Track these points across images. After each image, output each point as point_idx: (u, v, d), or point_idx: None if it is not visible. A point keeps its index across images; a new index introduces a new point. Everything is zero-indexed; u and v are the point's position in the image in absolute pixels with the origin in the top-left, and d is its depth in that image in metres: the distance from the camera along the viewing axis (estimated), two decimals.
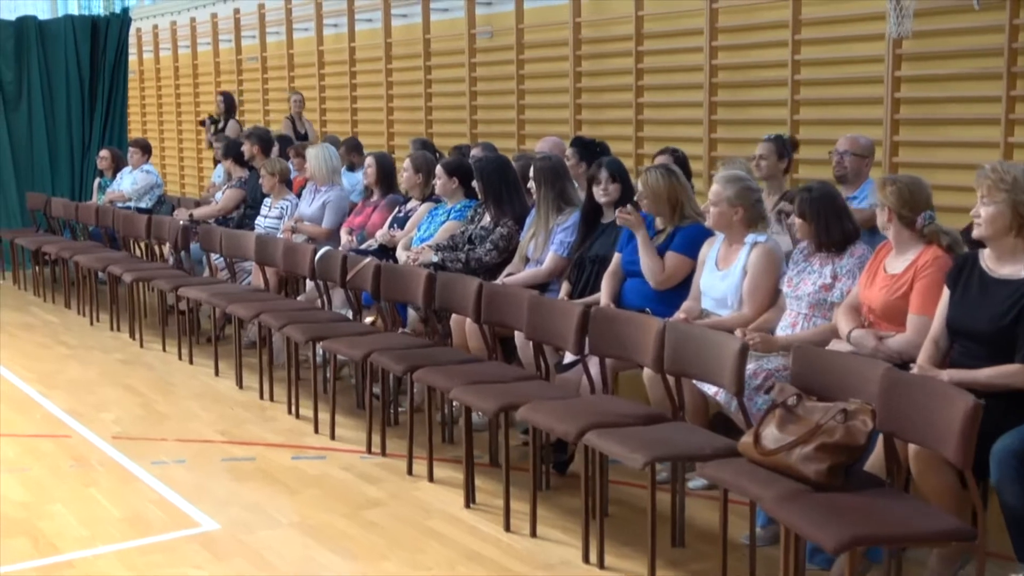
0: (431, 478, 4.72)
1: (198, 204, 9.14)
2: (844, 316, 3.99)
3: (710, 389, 4.12)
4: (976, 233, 3.43)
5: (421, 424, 4.87)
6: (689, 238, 4.77)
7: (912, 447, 3.26)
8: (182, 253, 7.81)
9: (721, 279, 4.52)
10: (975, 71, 6.28)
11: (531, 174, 5.40)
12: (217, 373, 6.67)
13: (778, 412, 3.38)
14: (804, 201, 4.17)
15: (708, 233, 4.74)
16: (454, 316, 5.29)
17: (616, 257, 4.98)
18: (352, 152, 8.35)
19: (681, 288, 4.76)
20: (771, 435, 3.33)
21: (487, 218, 5.73)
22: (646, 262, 4.69)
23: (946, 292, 3.57)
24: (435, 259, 5.57)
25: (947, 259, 3.77)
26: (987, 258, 3.48)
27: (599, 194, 5.11)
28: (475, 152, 6.70)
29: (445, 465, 4.85)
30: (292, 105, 10.40)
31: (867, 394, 3.29)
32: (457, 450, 5.00)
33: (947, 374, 3.36)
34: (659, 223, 4.90)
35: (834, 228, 4.15)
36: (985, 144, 6.20)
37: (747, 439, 3.41)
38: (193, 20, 14.44)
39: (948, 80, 6.45)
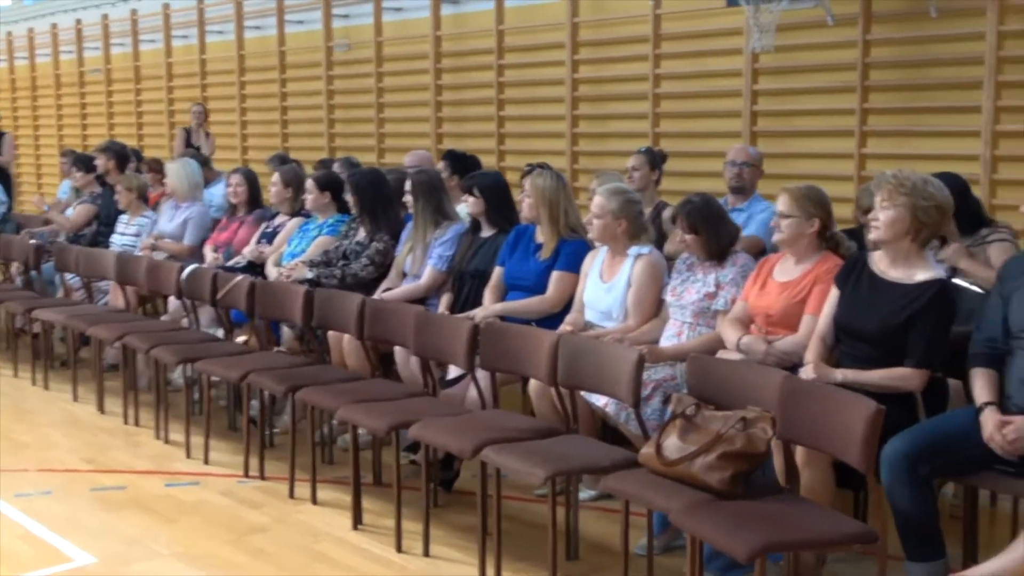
0: (314, 500, 4.58)
1: (46, 223, 8.62)
2: (730, 326, 4.01)
3: (598, 401, 4.09)
4: (874, 236, 3.47)
5: (301, 445, 4.71)
6: (574, 254, 4.73)
7: (799, 449, 3.26)
8: (32, 273, 7.41)
9: (606, 291, 4.49)
10: (830, 85, 6.40)
11: (407, 187, 5.32)
12: (76, 398, 6.38)
13: (678, 422, 3.36)
14: (692, 214, 4.17)
15: (589, 247, 4.70)
16: (331, 333, 5.14)
17: (497, 271, 4.92)
18: (203, 168, 8.10)
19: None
20: (673, 445, 3.31)
21: (362, 233, 5.61)
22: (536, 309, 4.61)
23: (834, 291, 3.60)
24: (309, 275, 5.44)
25: (838, 264, 3.83)
26: (878, 261, 3.51)
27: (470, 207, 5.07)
28: (336, 167, 6.57)
29: (328, 487, 4.70)
30: (192, 117, 9.94)
31: (765, 402, 3.29)
32: (338, 471, 4.88)
33: (841, 373, 3.38)
34: (540, 235, 4.82)
35: (723, 235, 4.17)
36: (839, 155, 6.34)
37: (648, 450, 3.38)
38: (31, 31, 13.72)
39: (804, 93, 6.56)
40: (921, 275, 3.42)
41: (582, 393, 4.07)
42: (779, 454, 3.28)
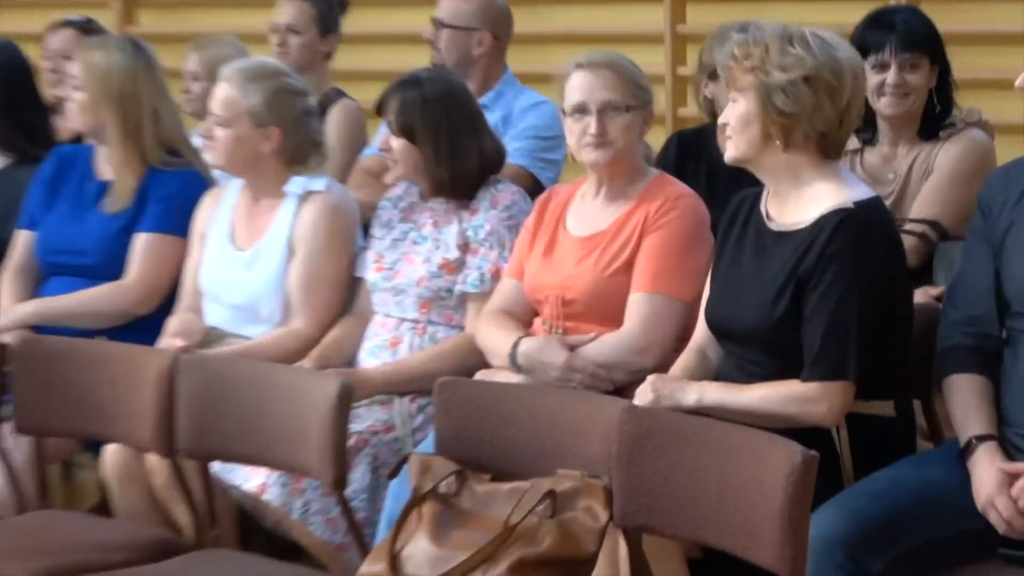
0: None
1: None
2: (495, 321, 3.91)
3: (247, 481, 3.94)
4: (728, 155, 3.43)
5: None
6: (174, 199, 4.53)
7: (650, 542, 3.24)
8: None
9: (244, 267, 4.30)
10: None
11: None
12: None
13: (427, 510, 3.30)
14: (408, 103, 4.06)
15: (203, 184, 4.56)
16: None
17: (23, 237, 4.53)
18: None
19: None
20: (423, 554, 3.25)
21: None
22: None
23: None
24: None
25: (695, 200, 3.80)
26: (768, 196, 3.49)
27: None
28: None
29: None
30: None
31: (590, 459, 3.24)
32: None
33: (695, 392, 3.36)
34: (105, 164, 4.49)
35: (466, 152, 4.08)
36: None
37: (375, 567, 3.29)
38: None
39: None
40: (815, 209, 3.32)
41: (219, 470, 3.93)
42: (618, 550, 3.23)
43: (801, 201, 3.42)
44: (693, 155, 4.36)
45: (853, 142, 4.07)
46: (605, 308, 3.77)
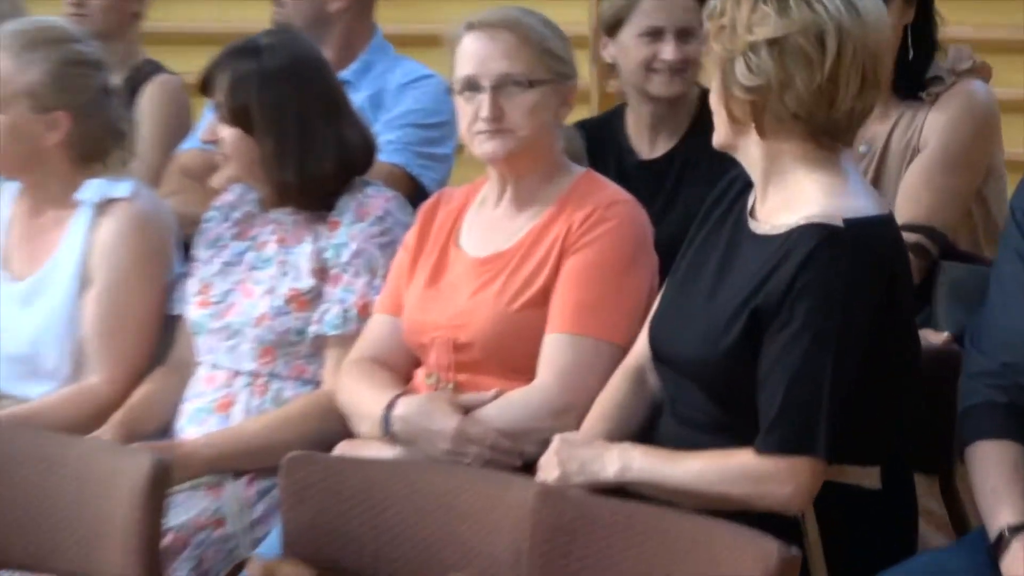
0: None
1: None
2: (363, 374, 3.66)
3: None
4: (713, 139, 3.27)
5: None
6: None
7: None
8: None
9: (22, 303, 4.00)
10: None
11: None
12: None
13: None
14: (243, 81, 3.78)
15: None
16: None
17: None
18: None
19: None
20: None
21: None
22: None
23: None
24: None
25: (634, 207, 3.57)
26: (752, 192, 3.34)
27: None
28: None
29: None
30: None
31: (492, 558, 3.17)
32: None
33: (618, 460, 3.15)
34: None
35: (321, 145, 3.81)
36: None
37: None
38: None
39: None
40: (794, 213, 3.14)
41: None
42: None
43: (782, 199, 3.18)
44: (601, 151, 4.14)
45: None
46: (511, 355, 3.52)
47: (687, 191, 3.99)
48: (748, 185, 3.33)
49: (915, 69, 4.11)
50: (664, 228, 3.79)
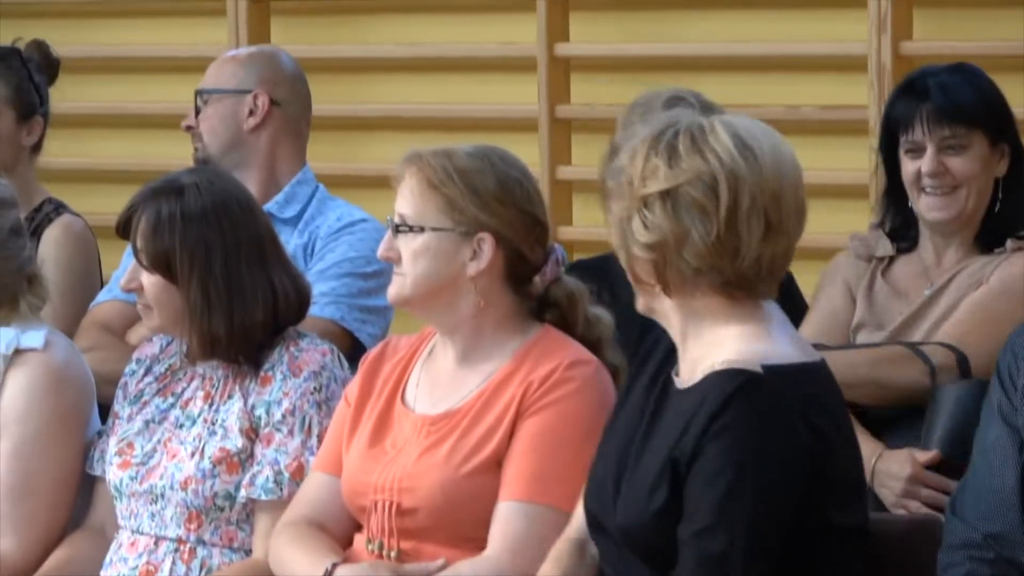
0: None
1: None
2: (298, 538, 3.47)
3: None
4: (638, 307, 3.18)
5: None
6: None
7: None
8: None
9: None
10: None
11: None
12: None
13: None
14: (165, 223, 3.63)
15: None
16: None
17: None
18: None
19: None
20: None
21: None
22: None
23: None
24: None
25: (597, 370, 3.43)
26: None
27: None
28: None
29: None
30: None
31: None
32: None
33: None
34: None
35: (251, 292, 3.68)
36: None
37: None
38: None
39: None
40: (708, 361, 3.05)
41: None
42: None
43: (700, 353, 3.05)
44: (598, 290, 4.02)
45: (884, 247, 3.79)
46: (459, 522, 3.37)
47: None
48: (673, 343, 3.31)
49: (1001, 222, 3.99)
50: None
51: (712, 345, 3.05)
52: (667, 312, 3.09)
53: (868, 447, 3.63)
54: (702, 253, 2.98)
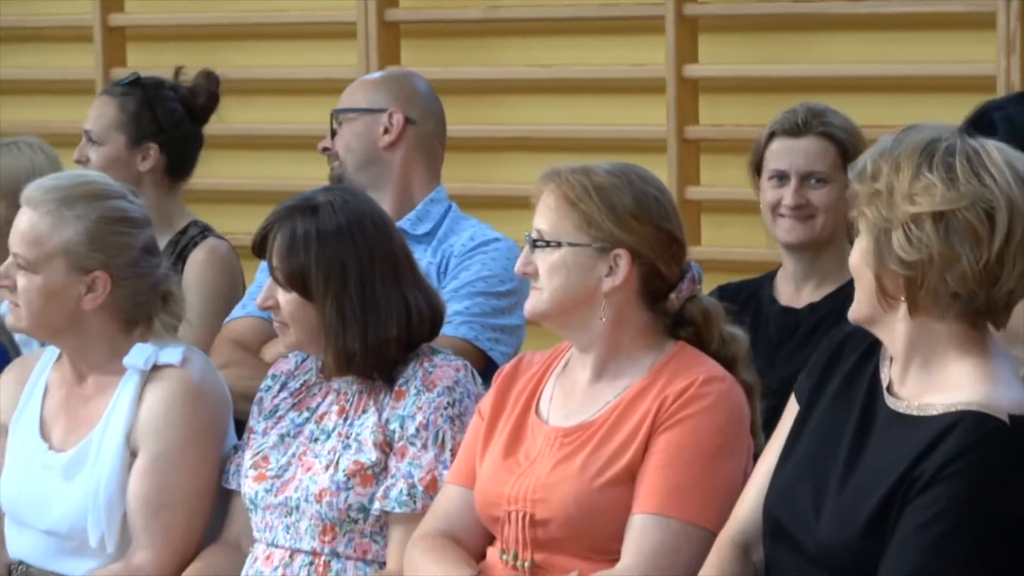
0: None
1: None
2: (432, 550, 3.46)
3: None
4: (851, 312, 3.13)
5: None
6: None
7: None
8: None
9: (64, 476, 3.80)
10: None
11: None
12: None
13: None
14: (300, 242, 3.63)
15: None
16: None
17: None
18: None
19: None
20: None
21: None
22: None
23: (792, 412, 3.22)
24: None
25: (732, 386, 3.41)
26: (892, 365, 3.14)
27: None
28: None
29: None
30: None
31: None
32: None
33: None
34: None
35: (386, 309, 3.64)
36: None
37: None
38: None
39: None
40: (948, 396, 2.97)
41: None
42: None
43: (930, 379, 2.99)
44: (746, 304, 4.05)
45: None
46: (592, 534, 3.31)
47: (821, 339, 3.63)
48: (869, 350, 3.15)
49: None
50: (783, 368, 3.71)
51: (944, 376, 3.01)
52: (896, 328, 3.03)
53: None
54: (967, 279, 2.94)
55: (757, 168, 4.15)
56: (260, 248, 3.72)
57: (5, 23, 6.99)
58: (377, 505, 3.59)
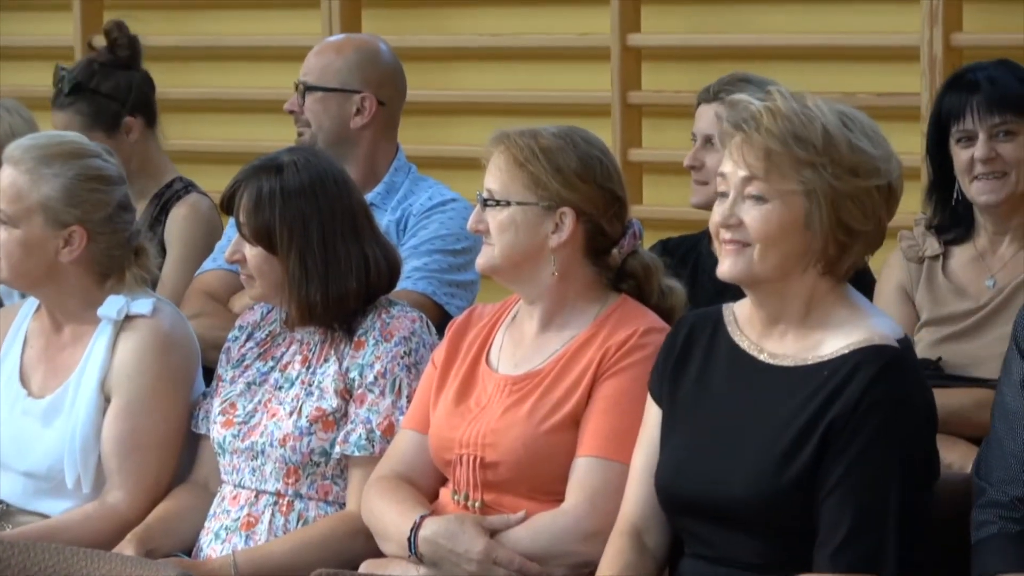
0: None
1: None
2: (389, 491, 3.50)
3: None
4: (738, 269, 3.12)
5: None
6: None
7: None
8: None
9: (42, 420, 3.84)
10: None
11: None
12: None
13: None
14: (266, 199, 3.65)
15: None
16: None
17: None
18: None
19: None
20: None
21: None
22: None
23: (653, 411, 3.24)
24: None
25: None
26: (744, 322, 3.20)
27: None
28: None
29: None
30: None
31: None
32: None
33: None
34: None
35: (346, 263, 3.70)
36: None
37: None
38: None
39: None
40: (839, 340, 3.07)
41: None
42: None
43: (811, 331, 3.08)
44: (680, 268, 4.04)
45: (932, 246, 3.82)
46: (538, 476, 3.40)
47: None
48: (715, 328, 3.21)
49: None
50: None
51: (834, 322, 3.08)
52: (796, 290, 3.09)
53: None
54: (876, 239, 3.09)
55: None
56: (228, 205, 3.76)
57: None
58: (338, 449, 3.65)
